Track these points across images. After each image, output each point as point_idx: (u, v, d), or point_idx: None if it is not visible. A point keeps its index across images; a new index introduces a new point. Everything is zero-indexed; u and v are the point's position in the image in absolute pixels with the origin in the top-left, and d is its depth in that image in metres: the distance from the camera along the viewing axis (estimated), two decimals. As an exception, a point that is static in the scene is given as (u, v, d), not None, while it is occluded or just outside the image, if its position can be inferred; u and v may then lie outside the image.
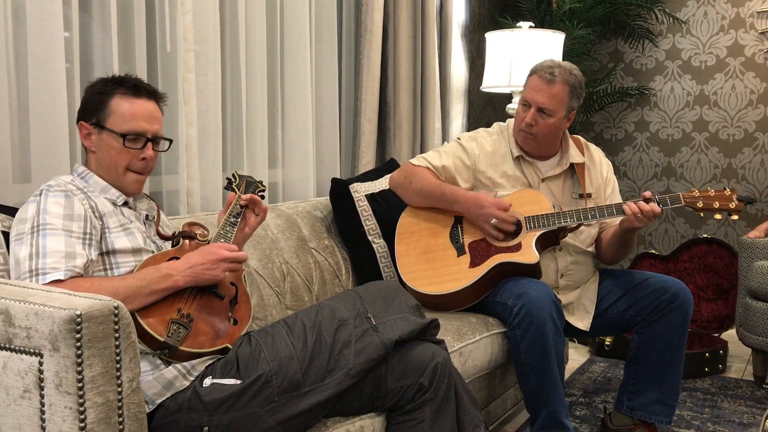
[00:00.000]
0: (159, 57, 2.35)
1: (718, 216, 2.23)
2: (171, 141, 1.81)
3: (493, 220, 2.30)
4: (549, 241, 2.36)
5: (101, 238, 1.62)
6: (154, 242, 1.76)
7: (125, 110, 1.67)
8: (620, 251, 2.43)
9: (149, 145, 1.71)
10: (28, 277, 1.46)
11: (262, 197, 1.92)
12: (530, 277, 2.28)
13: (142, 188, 1.77)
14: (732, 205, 2.22)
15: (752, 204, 2.28)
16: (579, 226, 2.37)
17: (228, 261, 1.64)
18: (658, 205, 2.23)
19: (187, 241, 1.74)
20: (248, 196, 1.85)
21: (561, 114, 2.34)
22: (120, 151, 1.68)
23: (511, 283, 2.26)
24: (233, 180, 1.91)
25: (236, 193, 1.87)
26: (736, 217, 2.22)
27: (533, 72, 2.38)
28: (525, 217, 2.32)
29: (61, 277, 1.46)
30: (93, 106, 1.69)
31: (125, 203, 1.73)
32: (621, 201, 2.46)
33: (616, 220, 2.44)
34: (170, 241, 1.79)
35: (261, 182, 1.95)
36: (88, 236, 1.57)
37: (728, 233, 4.05)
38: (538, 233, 2.29)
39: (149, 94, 1.73)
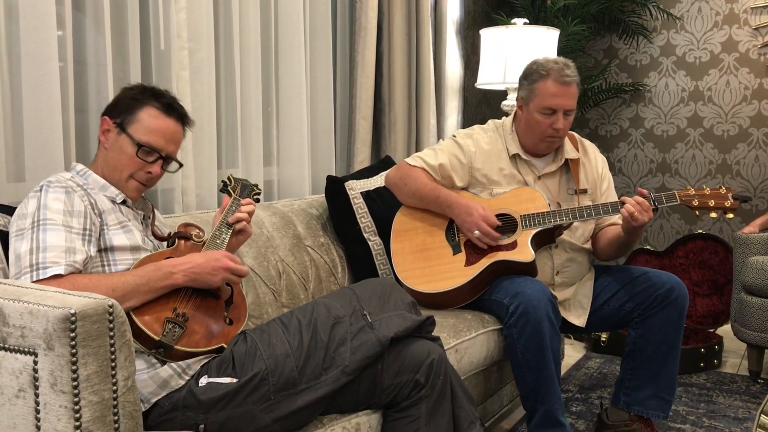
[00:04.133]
0: (153, 55, 2.34)
1: (713, 214, 2.24)
2: (181, 165, 1.83)
3: (476, 232, 2.30)
4: (544, 240, 2.36)
5: (100, 235, 1.62)
6: (151, 242, 1.76)
7: (151, 123, 1.70)
8: (622, 251, 2.43)
9: (160, 162, 1.73)
10: (28, 271, 1.46)
11: (257, 200, 1.93)
12: (526, 276, 2.29)
13: (139, 197, 1.79)
14: (727, 204, 2.22)
15: (747, 202, 2.28)
16: (572, 223, 2.38)
17: (229, 271, 1.65)
18: (654, 203, 2.23)
19: (182, 242, 1.75)
20: (235, 217, 1.82)
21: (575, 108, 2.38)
22: (130, 158, 1.70)
23: (507, 282, 2.26)
24: (229, 183, 1.92)
25: (231, 195, 1.88)
26: (731, 215, 2.23)
27: (545, 76, 2.31)
28: (521, 216, 2.32)
29: (62, 272, 1.46)
30: (123, 108, 1.71)
31: (124, 202, 1.74)
32: (616, 197, 2.47)
33: (613, 218, 2.45)
34: (166, 242, 1.79)
35: (256, 185, 1.96)
36: (87, 232, 1.57)
37: (723, 229, 4.06)
38: (533, 231, 2.29)
39: (179, 116, 1.76)
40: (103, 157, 1.73)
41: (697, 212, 2.26)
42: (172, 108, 1.74)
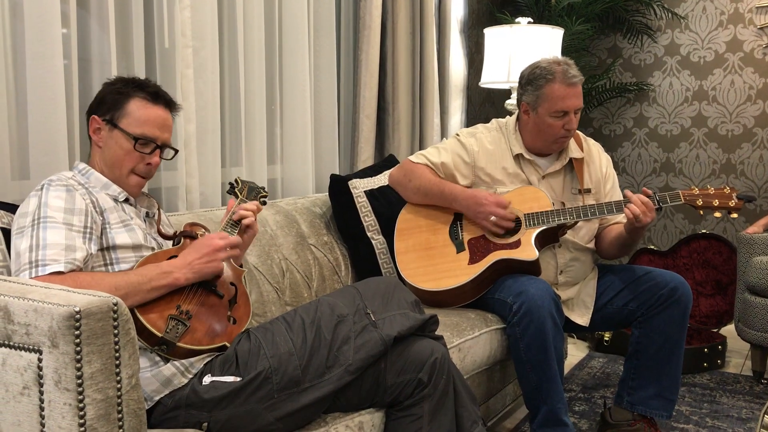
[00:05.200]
0: (157, 53, 2.34)
1: (717, 214, 2.24)
2: (177, 151, 1.82)
3: (493, 218, 2.30)
4: (548, 239, 2.36)
5: (102, 234, 1.62)
6: (154, 239, 1.77)
7: (141, 115, 1.69)
8: (624, 250, 2.43)
9: (157, 151, 1.73)
10: (27, 268, 1.46)
11: (264, 203, 1.94)
12: (530, 275, 2.29)
13: (140, 191, 1.79)
14: (732, 204, 2.22)
15: (752, 202, 2.29)
16: (576, 223, 2.38)
17: (223, 249, 1.65)
18: (658, 203, 2.23)
19: (188, 241, 1.75)
20: (239, 214, 1.84)
21: None
22: (128, 153, 1.70)
23: (511, 281, 2.26)
24: (236, 185, 1.93)
25: (238, 197, 1.88)
26: (735, 215, 2.23)
27: (550, 80, 2.31)
28: (524, 215, 2.32)
29: (62, 269, 1.47)
30: (109, 103, 1.70)
31: (126, 200, 1.74)
32: (621, 196, 2.47)
33: (617, 217, 2.45)
34: (171, 240, 1.79)
35: (263, 188, 1.97)
36: (88, 230, 1.57)
37: (727, 229, 4.05)
38: (537, 230, 2.29)
39: (166, 103, 1.76)
40: (99, 156, 1.72)
41: (701, 212, 2.26)
42: (159, 95, 1.74)
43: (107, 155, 1.71)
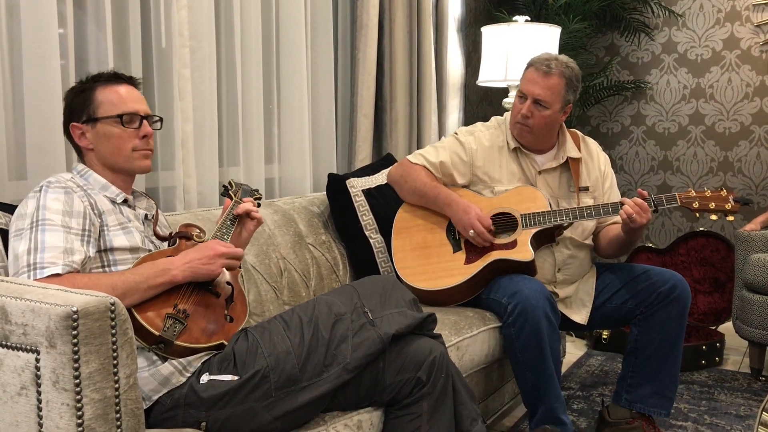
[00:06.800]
0: (154, 53, 2.34)
1: (714, 217, 2.25)
2: (162, 119, 1.83)
3: (471, 231, 2.31)
4: (545, 239, 2.36)
5: (100, 236, 1.62)
6: (152, 242, 1.76)
7: (112, 97, 1.70)
8: (622, 250, 2.44)
9: (145, 122, 1.73)
10: (26, 271, 1.46)
11: (258, 205, 1.94)
12: (525, 275, 2.29)
13: (150, 164, 1.77)
14: (728, 207, 2.23)
15: (748, 205, 2.30)
16: (572, 223, 2.38)
17: (225, 257, 1.65)
18: (654, 205, 2.23)
19: (183, 241, 1.76)
20: (243, 207, 1.86)
21: (557, 107, 2.35)
22: (120, 135, 1.69)
23: (506, 281, 2.26)
24: (230, 187, 1.94)
25: (233, 199, 1.90)
26: (731, 218, 2.24)
27: (530, 64, 2.39)
28: (521, 215, 2.32)
29: (59, 272, 1.47)
30: (79, 105, 1.70)
31: (125, 201, 1.74)
32: (619, 196, 2.48)
33: (614, 217, 2.45)
34: (167, 242, 1.80)
35: (257, 190, 1.99)
36: (86, 233, 1.57)
37: (725, 226, 4.06)
38: (533, 231, 2.30)
39: (128, 79, 1.77)
40: (94, 158, 1.72)
41: (698, 214, 2.27)
42: (118, 75, 1.75)
43: (103, 151, 1.70)
